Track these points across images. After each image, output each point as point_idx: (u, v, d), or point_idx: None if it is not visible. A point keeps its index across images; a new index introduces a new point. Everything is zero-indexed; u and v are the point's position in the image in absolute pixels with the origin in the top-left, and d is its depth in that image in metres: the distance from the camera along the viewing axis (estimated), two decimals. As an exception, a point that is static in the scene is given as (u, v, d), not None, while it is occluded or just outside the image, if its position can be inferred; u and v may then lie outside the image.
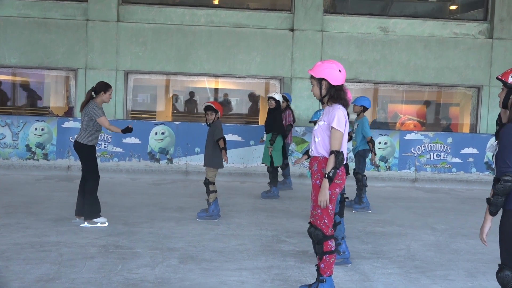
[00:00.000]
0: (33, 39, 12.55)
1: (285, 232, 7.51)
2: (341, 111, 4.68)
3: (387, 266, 6.16)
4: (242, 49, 12.89)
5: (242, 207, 9.20)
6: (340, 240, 6.14)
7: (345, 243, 6.23)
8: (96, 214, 7.45)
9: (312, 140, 4.85)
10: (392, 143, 12.28)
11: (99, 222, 7.40)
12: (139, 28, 12.70)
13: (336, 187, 4.71)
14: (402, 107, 14.66)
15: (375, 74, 13.15)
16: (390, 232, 7.78)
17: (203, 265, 5.91)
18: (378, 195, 10.97)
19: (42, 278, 5.25)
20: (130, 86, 12.92)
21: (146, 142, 11.97)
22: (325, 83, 4.75)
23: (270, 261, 6.15)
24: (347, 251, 6.20)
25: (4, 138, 11.75)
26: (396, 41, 13.10)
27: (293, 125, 11.02)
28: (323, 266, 4.85)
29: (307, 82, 12.52)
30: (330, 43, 12.94)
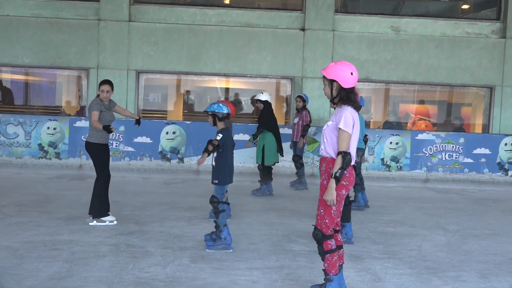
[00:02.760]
0: (46, 39, 12.64)
1: (295, 232, 7.51)
2: (349, 112, 4.68)
3: (398, 267, 6.14)
4: (253, 49, 12.90)
5: (252, 206, 9.20)
6: (222, 227, 6.41)
7: (227, 229, 6.43)
8: (105, 213, 7.48)
9: (322, 140, 4.86)
10: (403, 143, 12.23)
11: (107, 220, 7.43)
12: (150, 27, 12.75)
13: (343, 188, 4.70)
14: (413, 107, 14.60)
15: (386, 74, 13.11)
16: (401, 233, 7.75)
17: (214, 264, 5.92)
18: (389, 195, 10.94)
19: (54, 276, 5.29)
20: (141, 86, 12.97)
21: (157, 142, 12.01)
22: (336, 85, 4.75)
23: (281, 261, 6.15)
24: (228, 237, 6.42)
25: (17, 137, 11.84)
26: (407, 41, 13.05)
27: (310, 126, 10.99)
28: (327, 265, 4.86)
29: (318, 82, 12.52)
30: (341, 42, 12.92)
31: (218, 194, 6.51)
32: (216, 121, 6.59)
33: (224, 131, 6.53)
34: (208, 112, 6.60)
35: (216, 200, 6.48)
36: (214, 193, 6.53)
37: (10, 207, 8.19)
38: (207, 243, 6.48)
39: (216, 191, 6.53)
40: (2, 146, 11.80)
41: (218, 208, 6.47)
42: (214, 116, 6.57)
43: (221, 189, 6.53)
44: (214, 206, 6.49)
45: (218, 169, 6.52)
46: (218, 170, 6.52)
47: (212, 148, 6.36)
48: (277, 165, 11.97)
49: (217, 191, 6.52)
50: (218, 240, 6.46)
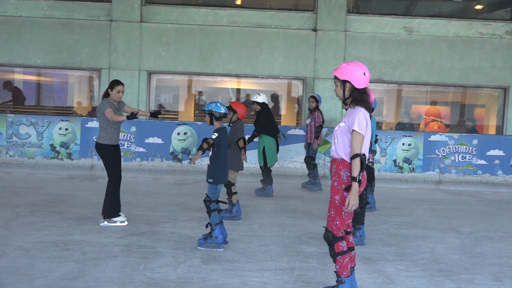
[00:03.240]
0: (58, 40, 12.72)
1: (307, 233, 7.50)
2: (362, 114, 4.67)
3: (411, 269, 6.11)
4: (264, 50, 12.90)
5: (264, 207, 9.20)
6: (214, 226, 6.47)
7: (220, 228, 6.49)
8: (116, 213, 7.50)
9: (333, 141, 4.85)
10: (416, 145, 12.18)
11: (118, 221, 7.46)
12: (162, 28, 12.79)
13: None
14: (426, 108, 14.53)
15: (399, 75, 13.06)
16: (414, 235, 7.72)
17: (225, 265, 5.93)
18: (402, 197, 10.89)
19: (66, 277, 5.31)
20: (152, 86, 13.01)
21: (169, 142, 12.03)
22: (349, 85, 4.74)
23: (292, 262, 6.14)
24: (220, 236, 6.48)
25: (29, 138, 11.91)
26: (420, 42, 13.00)
27: (323, 126, 10.96)
28: (338, 267, 4.86)
29: (330, 83, 12.49)
30: (353, 43, 12.89)
31: (211, 193, 6.58)
32: (213, 120, 6.65)
33: (220, 130, 6.60)
34: (206, 111, 6.65)
35: (208, 199, 6.56)
36: (208, 192, 6.60)
37: (22, 207, 8.24)
38: (199, 240, 6.59)
39: (209, 190, 6.60)
40: (14, 147, 11.89)
41: (210, 207, 6.55)
42: (211, 115, 6.64)
43: (214, 188, 6.59)
44: (207, 205, 6.57)
45: (212, 168, 6.57)
46: (212, 169, 6.56)
47: (207, 146, 6.43)
48: (288, 166, 12.03)
49: (210, 190, 6.59)
50: (209, 239, 6.53)
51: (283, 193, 10.62)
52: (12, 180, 10.73)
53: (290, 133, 12.04)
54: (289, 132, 12.05)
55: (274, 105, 14.18)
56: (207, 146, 6.42)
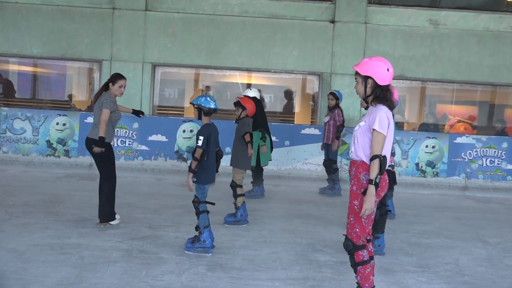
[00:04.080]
0: (56, 28, 12.78)
1: (321, 241, 7.50)
2: (384, 112, 4.67)
3: (433, 281, 6.10)
4: (278, 42, 12.91)
5: (275, 212, 9.21)
6: (202, 229, 6.54)
7: (208, 231, 6.55)
8: (112, 217, 7.54)
9: (352, 142, 4.85)
10: (440, 147, 12.14)
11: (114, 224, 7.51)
12: (168, 17, 12.83)
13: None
14: (452, 107, 14.49)
15: (423, 71, 13.03)
16: (437, 244, 7.70)
17: (232, 273, 5.95)
18: (424, 203, 10.87)
19: (62, 282, 5.35)
20: (157, 80, 13.06)
21: (173, 140, 12.07)
22: (371, 82, 4.74)
23: (305, 272, 6.15)
24: (208, 240, 6.54)
25: (24, 133, 11.99)
26: (447, 36, 12.95)
27: (344, 126, 10.90)
28: (359, 278, 4.86)
29: (348, 79, 12.48)
30: (374, 36, 12.87)
31: (199, 194, 6.62)
32: (201, 115, 6.68)
33: (208, 127, 6.64)
34: (194, 104, 6.69)
35: (197, 200, 6.59)
36: (196, 192, 6.64)
37: (16, 208, 8.31)
38: (186, 244, 6.64)
39: (197, 190, 6.63)
40: (8, 142, 11.97)
41: (199, 209, 6.60)
42: (199, 109, 6.67)
43: (202, 188, 6.62)
44: (195, 206, 6.61)
45: (198, 167, 6.56)
46: (198, 168, 6.55)
47: (195, 164, 6.44)
48: (302, 167, 12.04)
49: (198, 191, 6.63)
50: (196, 242, 6.58)
51: (296, 197, 10.63)
52: (6, 178, 10.81)
53: (305, 133, 12.06)
54: (303, 132, 12.07)
55: (288, 102, 14.20)
56: (196, 163, 6.44)
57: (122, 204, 9.05)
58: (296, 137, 12.08)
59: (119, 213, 8.28)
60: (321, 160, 11.47)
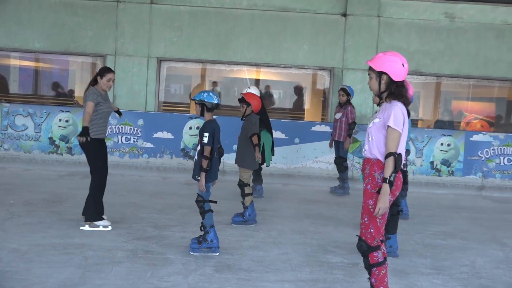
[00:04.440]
0: (59, 22, 12.82)
1: (332, 242, 7.50)
2: (399, 109, 4.67)
3: (448, 284, 6.09)
4: (288, 36, 12.90)
5: (284, 212, 9.22)
6: (209, 228, 6.55)
7: (214, 231, 6.59)
8: (99, 216, 7.51)
9: (366, 139, 4.84)
10: (456, 145, 12.11)
11: (101, 225, 7.44)
12: (174, 11, 12.84)
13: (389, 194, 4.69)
14: (468, 104, 14.44)
15: (438, 67, 12.99)
16: (452, 246, 7.69)
17: (241, 275, 5.96)
18: (439, 203, 10.85)
19: (65, 283, 5.38)
20: (163, 75, 13.08)
21: (179, 138, 12.10)
22: (386, 78, 4.74)
23: (315, 273, 6.15)
24: (215, 239, 6.57)
25: (26, 130, 12.04)
26: (463, 29, 12.91)
27: (356, 123, 10.87)
28: (374, 280, 4.86)
29: (360, 74, 12.46)
30: (387, 30, 12.83)
31: (204, 193, 6.61)
32: (204, 111, 6.69)
33: (211, 123, 6.65)
34: (196, 100, 6.68)
35: (201, 199, 6.59)
36: (199, 191, 6.63)
37: (18, 207, 8.35)
38: (192, 245, 6.64)
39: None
40: (9, 139, 12.03)
41: (204, 208, 6.60)
42: (202, 105, 6.67)
43: (206, 186, 6.62)
44: (200, 205, 6.60)
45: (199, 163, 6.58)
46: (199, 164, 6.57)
47: (206, 163, 6.48)
48: (312, 166, 12.03)
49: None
50: (203, 243, 6.58)
51: (306, 197, 10.63)
52: (7, 177, 10.86)
53: (315, 130, 12.05)
54: (313, 129, 12.06)
55: (298, 98, 14.19)
56: (207, 162, 6.48)
57: (127, 203, 9.10)
58: (306, 135, 12.07)
59: (124, 213, 8.35)
60: (332, 158, 11.47)
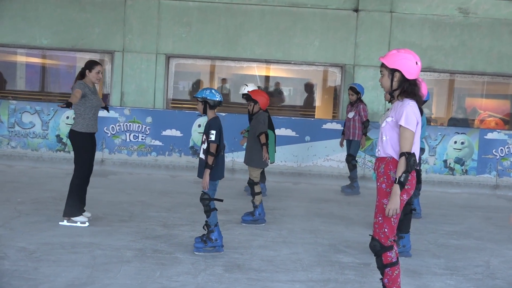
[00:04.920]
0: (67, 18, 12.86)
1: (343, 241, 7.51)
2: (411, 107, 4.67)
3: (462, 285, 6.08)
4: (298, 32, 12.89)
5: (295, 211, 9.23)
6: (213, 227, 6.58)
7: (218, 229, 6.60)
8: (78, 213, 7.52)
9: (379, 139, 4.85)
10: (470, 143, 12.07)
11: (79, 221, 7.47)
12: (183, 6, 12.86)
13: (404, 193, 4.69)
14: (482, 101, 14.39)
15: (452, 63, 12.95)
16: (466, 246, 7.67)
17: (250, 274, 5.97)
18: (453, 202, 10.83)
19: (73, 282, 5.41)
20: (171, 72, 13.10)
21: (188, 135, 12.13)
22: (398, 75, 4.74)
23: (326, 274, 6.16)
24: (219, 238, 6.59)
25: (33, 127, 12.11)
26: (477, 25, 12.86)
27: (369, 121, 10.83)
28: (386, 281, 4.86)
29: (372, 71, 12.44)
30: (400, 26, 12.81)
31: (210, 191, 6.64)
32: (206, 108, 6.69)
33: (215, 120, 6.65)
34: (199, 98, 6.70)
35: (207, 197, 6.61)
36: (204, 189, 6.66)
37: (25, 205, 8.41)
38: (196, 245, 6.65)
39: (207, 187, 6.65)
40: (17, 137, 12.10)
41: (209, 206, 6.62)
42: (205, 103, 6.67)
43: (212, 184, 6.65)
44: (205, 204, 6.62)
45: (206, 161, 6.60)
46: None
47: (212, 159, 6.49)
48: (323, 164, 12.03)
49: (209, 187, 6.63)
50: (209, 242, 6.61)
51: (317, 195, 10.63)
52: (14, 175, 10.93)
53: (326, 127, 12.05)
54: (324, 126, 12.06)
55: (308, 95, 14.19)
56: (213, 159, 6.49)
57: (135, 201, 9.14)
58: (317, 132, 12.07)
59: (132, 211, 8.39)
60: (343, 156, 11.46)
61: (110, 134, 12.05)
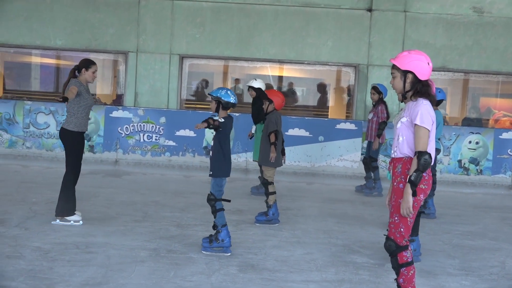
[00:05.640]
0: (81, 19, 12.90)
1: (358, 242, 7.49)
2: (425, 106, 4.68)
3: (477, 285, 6.05)
4: (312, 32, 12.87)
5: (308, 211, 9.22)
6: (220, 227, 6.58)
7: (226, 230, 6.59)
8: (71, 212, 7.54)
9: (395, 140, 4.84)
10: (484, 143, 12.00)
11: (72, 220, 7.49)
12: (196, 7, 12.88)
13: (421, 193, 4.68)
14: (496, 101, 14.30)
15: (466, 63, 12.87)
16: (481, 246, 7.63)
17: (265, 275, 5.97)
18: (467, 203, 10.77)
19: (88, 282, 5.43)
20: (185, 72, 13.12)
21: (202, 136, 12.14)
22: (411, 77, 4.74)
23: (340, 274, 6.15)
24: (227, 239, 6.58)
25: (48, 128, 12.17)
26: (492, 24, 12.77)
27: (387, 123, 10.78)
28: (402, 281, 4.84)
29: (386, 71, 12.40)
30: (414, 25, 12.75)
31: (215, 191, 6.65)
32: (219, 108, 6.71)
33: (226, 119, 6.68)
34: (212, 96, 6.71)
35: (213, 198, 6.62)
36: (211, 189, 6.67)
37: (40, 205, 8.46)
38: (203, 244, 6.69)
39: (213, 186, 6.67)
40: (32, 137, 12.17)
41: (215, 207, 6.62)
42: (218, 102, 6.69)
43: (218, 183, 6.66)
44: (211, 204, 6.63)
45: (214, 159, 6.67)
46: (213, 161, 6.67)
47: (213, 122, 6.53)
48: (336, 164, 11.99)
49: (214, 187, 6.66)
50: (214, 242, 6.61)
51: (330, 196, 10.62)
52: (29, 175, 11.00)
53: (340, 128, 12.02)
54: (338, 126, 12.03)
55: (322, 95, 14.16)
56: (212, 122, 6.53)
57: (149, 202, 9.16)
58: (331, 132, 12.04)
59: (146, 211, 8.42)
60: (358, 156, 11.43)
61: (124, 134, 12.09)
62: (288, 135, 11.51)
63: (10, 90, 14.05)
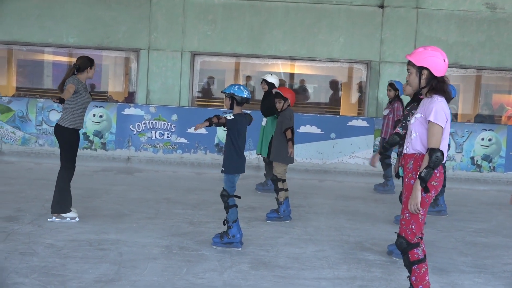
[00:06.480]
0: (93, 16, 12.93)
1: (370, 239, 7.47)
2: (440, 104, 4.67)
3: (490, 283, 6.02)
4: (323, 29, 12.83)
5: (320, 208, 9.20)
6: (231, 223, 6.63)
7: (237, 226, 6.64)
8: (67, 209, 7.54)
9: (408, 136, 4.83)
10: (497, 140, 11.94)
11: (68, 217, 7.49)
12: (208, 4, 12.88)
13: (432, 189, 4.67)
14: (509, 98, 14.23)
15: (478, 59, 12.80)
16: (495, 243, 7.59)
17: (277, 272, 5.97)
18: (480, 200, 10.72)
19: (101, 279, 5.45)
20: (196, 70, 13.12)
21: (214, 133, 12.14)
22: (426, 73, 4.73)
23: (353, 271, 6.14)
24: (237, 235, 6.63)
25: (60, 125, 12.19)
26: (505, 20, 12.69)
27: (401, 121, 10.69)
28: (414, 279, 4.84)
29: (398, 67, 12.36)
30: (426, 21, 12.69)
31: (228, 187, 6.68)
32: (233, 104, 6.74)
33: (239, 116, 6.71)
34: (226, 93, 6.73)
35: (226, 194, 6.66)
36: (224, 185, 6.71)
37: (53, 202, 8.48)
38: (214, 239, 6.74)
39: (226, 182, 6.71)
40: (44, 135, 12.22)
41: (228, 203, 6.66)
42: (232, 99, 6.71)
43: (231, 180, 6.70)
44: (224, 200, 6.68)
45: (226, 155, 6.73)
46: (226, 157, 6.73)
47: (217, 120, 6.55)
48: (348, 161, 11.98)
49: (226, 183, 6.70)
50: (225, 237, 6.65)
51: (342, 193, 10.59)
52: (42, 172, 11.05)
53: (351, 124, 11.99)
54: (350, 123, 12.00)
55: (333, 92, 14.13)
56: (217, 120, 6.54)
57: (161, 199, 9.18)
58: (343, 129, 12.02)
59: (158, 209, 8.45)
60: (369, 153, 11.40)
61: (136, 131, 12.12)
62: (299, 132, 11.50)
63: (23, 88, 14.12)
